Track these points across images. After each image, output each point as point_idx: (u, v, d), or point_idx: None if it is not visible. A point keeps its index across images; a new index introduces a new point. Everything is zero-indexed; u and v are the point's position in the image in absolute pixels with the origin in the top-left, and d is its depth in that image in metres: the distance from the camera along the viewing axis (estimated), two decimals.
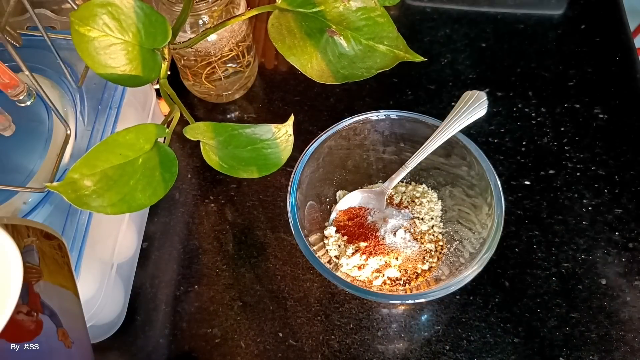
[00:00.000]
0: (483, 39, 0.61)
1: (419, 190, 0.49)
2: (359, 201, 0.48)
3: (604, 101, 0.55)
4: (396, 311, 0.46)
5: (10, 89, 0.35)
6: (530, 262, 0.46)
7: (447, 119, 0.43)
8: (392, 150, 0.48)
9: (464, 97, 0.43)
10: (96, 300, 0.41)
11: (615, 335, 0.43)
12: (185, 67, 0.54)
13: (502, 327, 0.44)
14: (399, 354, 0.43)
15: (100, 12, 0.30)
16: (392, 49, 0.33)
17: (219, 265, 0.49)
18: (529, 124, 0.54)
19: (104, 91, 0.44)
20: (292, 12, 0.33)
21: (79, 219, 0.38)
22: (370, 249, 0.45)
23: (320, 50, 0.32)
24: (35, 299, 0.26)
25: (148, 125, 0.31)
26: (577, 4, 0.63)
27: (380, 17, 0.32)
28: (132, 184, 0.30)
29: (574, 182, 0.50)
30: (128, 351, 0.45)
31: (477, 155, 0.42)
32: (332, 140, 0.45)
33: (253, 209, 0.52)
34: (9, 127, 0.36)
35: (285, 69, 0.61)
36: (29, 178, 0.37)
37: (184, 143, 0.57)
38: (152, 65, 0.33)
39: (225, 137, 0.33)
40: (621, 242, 0.47)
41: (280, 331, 0.45)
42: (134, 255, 0.49)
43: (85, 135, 0.42)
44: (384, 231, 0.46)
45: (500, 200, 0.39)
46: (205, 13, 0.48)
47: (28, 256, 0.27)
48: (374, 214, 0.47)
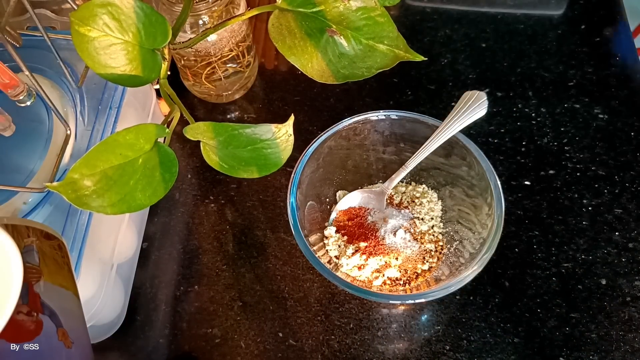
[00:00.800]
0: (483, 39, 0.61)
1: (419, 191, 0.49)
2: (359, 201, 0.48)
3: (604, 101, 0.55)
4: (396, 311, 0.46)
5: (10, 89, 0.35)
6: (530, 262, 0.46)
7: (447, 119, 0.43)
8: (392, 150, 0.48)
9: (464, 97, 0.43)
10: (96, 300, 0.41)
11: (615, 335, 0.43)
12: (185, 67, 0.54)
13: (502, 327, 0.44)
14: (399, 354, 0.43)
15: (100, 12, 0.30)
16: (393, 49, 0.33)
17: (219, 266, 0.49)
18: (529, 124, 0.54)
19: (104, 91, 0.44)
20: (292, 12, 0.33)
21: (79, 219, 0.38)
22: (370, 249, 0.45)
23: (320, 50, 0.32)
24: (35, 299, 0.26)
25: (148, 125, 0.31)
26: (577, 4, 0.63)
27: (381, 17, 0.32)
28: (132, 184, 0.30)
29: (574, 182, 0.50)
30: (128, 351, 0.45)
31: (477, 155, 0.42)
32: (332, 140, 0.45)
33: (253, 209, 0.52)
34: (9, 127, 0.36)
35: (285, 69, 0.61)
36: (29, 178, 0.37)
37: (184, 143, 0.57)
38: (152, 65, 0.33)
39: (225, 137, 0.33)
40: (621, 242, 0.47)
41: (280, 331, 0.45)
42: (134, 255, 0.49)
43: (85, 135, 0.42)
44: (384, 231, 0.46)
45: (500, 201, 0.39)
46: (205, 13, 0.48)
47: (28, 256, 0.27)
48: (374, 214, 0.47)
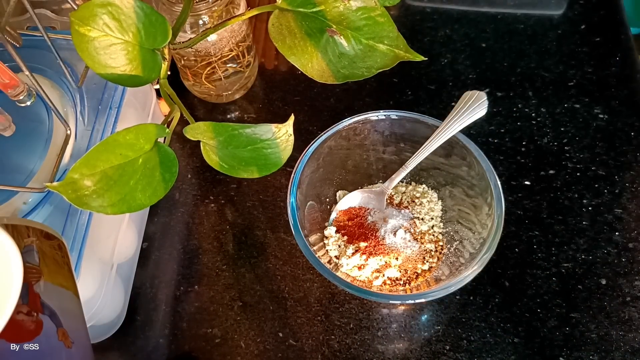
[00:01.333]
0: (483, 39, 0.61)
1: (419, 191, 0.49)
2: (359, 201, 0.48)
3: (604, 101, 0.55)
4: (396, 311, 0.46)
5: (10, 89, 0.35)
6: (530, 262, 0.46)
7: (447, 119, 0.43)
8: (392, 150, 0.48)
9: (464, 97, 0.43)
10: (96, 300, 0.41)
11: (615, 335, 0.43)
12: (186, 67, 0.54)
13: (502, 327, 0.44)
14: (399, 354, 0.43)
15: (100, 12, 0.30)
16: (393, 49, 0.33)
17: (219, 266, 0.49)
18: (529, 124, 0.54)
19: (104, 91, 0.44)
20: (292, 12, 0.33)
21: (79, 219, 0.38)
22: (370, 249, 0.45)
23: (320, 50, 0.32)
24: (35, 299, 0.26)
25: (148, 125, 0.31)
26: (577, 4, 0.63)
27: (381, 17, 0.32)
28: (132, 184, 0.30)
29: (574, 182, 0.50)
30: (128, 351, 0.45)
31: (477, 155, 0.42)
32: (332, 140, 0.45)
33: (253, 209, 0.52)
34: (9, 127, 0.36)
35: (285, 69, 0.61)
36: (29, 178, 0.37)
37: (184, 143, 0.57)
38: (152, 65, 0.33)
39: (225, 137, 0.33)
40: (621, 242, 0.47)
41: (280, 331, 0.45)
42: (134, 255, 0.49)
43: (85, 135, 0.42)
44: (384, 231, 0.46)
45: (500, 201, 0.39)
46: (205, 13, 0.48)
47: (28, 256, 0.27)
48: (374, 214, 0.47)
